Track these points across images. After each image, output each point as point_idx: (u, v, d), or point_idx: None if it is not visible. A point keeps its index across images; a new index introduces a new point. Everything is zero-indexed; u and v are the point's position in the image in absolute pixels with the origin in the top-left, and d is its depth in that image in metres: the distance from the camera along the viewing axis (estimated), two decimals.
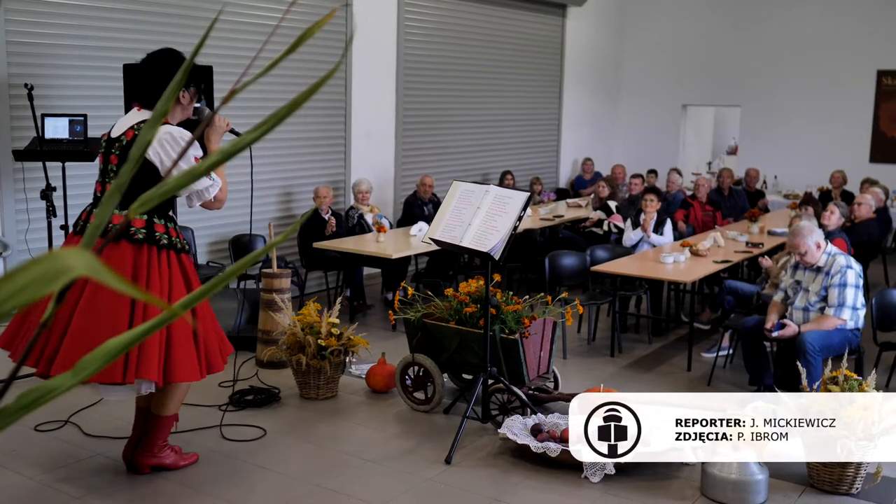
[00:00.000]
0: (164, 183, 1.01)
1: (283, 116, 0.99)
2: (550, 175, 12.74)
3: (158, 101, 1.05)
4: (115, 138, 3.75)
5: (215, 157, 1.01)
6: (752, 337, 5.87)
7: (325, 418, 4.90)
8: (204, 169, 1.01)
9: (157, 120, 1.04)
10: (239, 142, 1.00)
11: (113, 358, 0.95)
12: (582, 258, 7.50)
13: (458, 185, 4.71)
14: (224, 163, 1.03)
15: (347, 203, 8.99)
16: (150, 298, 0.86)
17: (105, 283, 0.82)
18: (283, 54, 1.00)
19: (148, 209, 1.00)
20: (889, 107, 12.25)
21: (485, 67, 11.10)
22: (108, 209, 0.99)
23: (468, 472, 4.16)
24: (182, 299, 0.99)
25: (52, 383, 0.93)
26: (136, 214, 0.98)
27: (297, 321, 5.19)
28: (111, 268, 0.82)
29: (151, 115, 1.03)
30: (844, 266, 5.57)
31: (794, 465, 4.23)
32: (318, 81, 0.97)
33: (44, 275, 0.79)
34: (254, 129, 1.00)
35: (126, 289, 0.82)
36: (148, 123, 1.04)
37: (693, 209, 9.55)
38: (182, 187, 1.04)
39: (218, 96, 6.37)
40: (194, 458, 4.18)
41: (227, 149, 1.00)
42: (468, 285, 5.06)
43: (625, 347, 7.18)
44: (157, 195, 1.00)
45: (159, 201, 1.00)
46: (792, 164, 12.78)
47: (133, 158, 1.01)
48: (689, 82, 13.65)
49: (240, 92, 1.02)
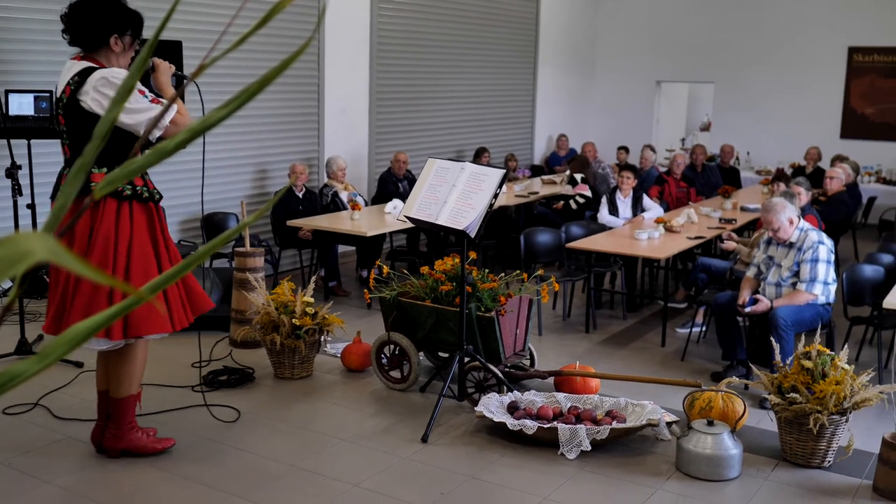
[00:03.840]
0: (131, 161, 0.97)
1: (254, 92, 0.95)
2: (525, 151, 12.72)
3: (126, 77, 1.01)
4: (59, 98, 3.66)
5: (184, 136, 0.97)
6: (725, 312, 5.90)
7: (300, 398, 4.87)
8: (173, 147, 0.97)
9: (123, 97, 1.00)
10: (208, 119, 0.96)
11: (79, 344, 0.92)
12: (557, 235, 7.51)
13: (433, 162, 4.67)
14: (192, 139, 0.99)
15: (321, 180, 8.92)
16: (114, 283, 0.83)
17: (66, 268, 0.78)
18: (254, 28, 0.96)
19: (115, 187, 0.96)
20: (860, 83, 12.33)
21: (460, 43, 11.02)
22: (72, 188, 0.95)
23: (445, 450, 4.15)
24: (151, 282, 0.96)
25: (17, 368, 0.90)
26: (100, 195, 0.94)
27: (270, 300, 5.15)
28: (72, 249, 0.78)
29: (118, 91, 0.99)
30: (816, 242, 5.61)
31: (767, 439, 4.27)
32: (290, 56, 0.93)
33: (3, 259, 0.75)
34: (224, 105, 0.96)
35: (87, 272, 0.78)
36: (114, 101, 1.00)
37: (667, 185, 9.58)
38: (152, 165, 1.00)
39: (187, 72, 6.27)
40: (170, 442, 4.10)
41: (196, 126, 0.97)
42: (444, 263, 5.04)
43: (600, 324, 7.21)
44: (123, 174, 0.97)
45: (127, 180, 0.96)
46: (764, 140, 12.85)
47: (98, 136, 0.98)
48: (664, 58, 13.66)
49: (209, 67, 0.98)
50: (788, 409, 3.90)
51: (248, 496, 3.67)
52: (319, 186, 8.64)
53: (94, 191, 0.95)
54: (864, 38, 12.19)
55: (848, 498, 3.71)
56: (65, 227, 1.03)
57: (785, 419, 3.97)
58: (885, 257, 6.54)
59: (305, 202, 8.12)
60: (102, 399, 3.97)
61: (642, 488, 3.78)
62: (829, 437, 3.92)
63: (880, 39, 12.07)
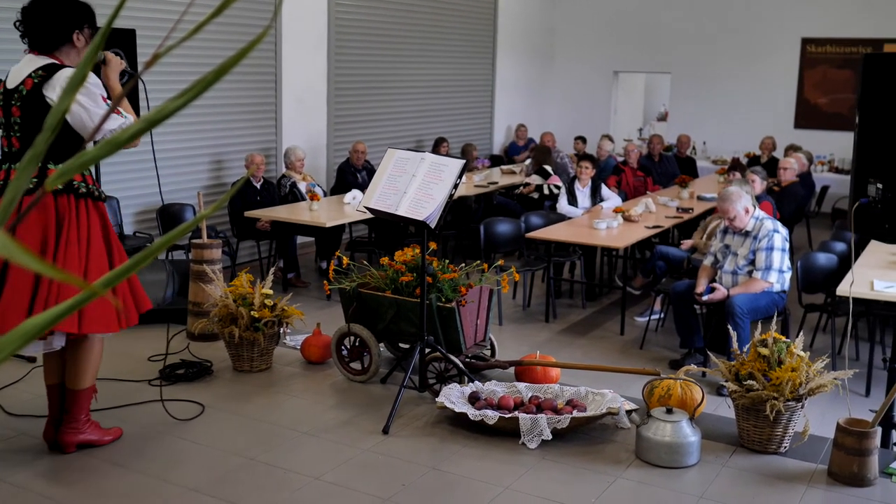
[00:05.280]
0: (83, 153, 0.95)
1: (210, 82, 0.92)
2: (484, 141, 12.73)
3: (77, 67, 0.98)
4: (13, 89, 3.59)
5: (139, 126, 0.95)
6: (683, 301, 5.97)
7: (260, 391, 4.83)
8: (126, 138, 0.95)
9: (74, 87, 0.97)
10: (163, 109, 0.94)
11: (32, 338, 0.89)
12: (516, 225, 7.53)
13: (392, 152, 4.65)
14: (147, 130, 0.96)
15: (278, 171, 8.84)
16: (64, 277, 0.80)
17: (18, 263, 0.76)
18: (210, 17, 0.93)
19: (66, 180, 0.94)
20: (813, 74, 12.52)
21: (419, 32, 10.98)
22: (23, 181, 0.92)
23: (406, 441, 4.14)
24: (104, 277, 0.93)
25: None
26: (52, 188, 0.91)
27: (228, 292, 5.09)
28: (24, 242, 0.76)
29: (69, 81, 0.96)
30: (771, 230, 5.69)
31: (725, 426, 4.32)
32: (247, 45, 0.91)
33: None
34: (180, 94, 0.93)
35: (39, 267, 0.76)
36: (65, 91, 0.97)
37: (624, 175, 9.65)
38: (104, 157, 0.98)
39: (141, 61, 6.16)
40: (118, 432, 4.07)
41: (151, 116, 0.94)
42: (404, 254, 5.02)
43: (559, 313, 7.24)
44: (75, 166, 0.94)
45: (78, 171, 0.94)
46: (720, 130, 13.00)
47: (49, 127, 0.95)
48: (621, 49, 13.74)
49: (164, 56, 0.96)
50: (745, 395, 3.95)
51: (206, 491, 3.63)
52: (277, 177, 8.56)
53: (46, 183, 0.92)
54: (817, 30, 12.37)
55: (804, 482, 3.77)
56: (14, 222, 1.00)
57: (742, 406, 4.02)
58: (839, 245, 6.66)
59: (263, 193, 8.04)
60: (52, 393, 3.90)
61: (603, 476, 3.80)
62: (786, 424, 3.98)
63: (833, 31, 12.27)
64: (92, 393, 3.93)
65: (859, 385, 5.62)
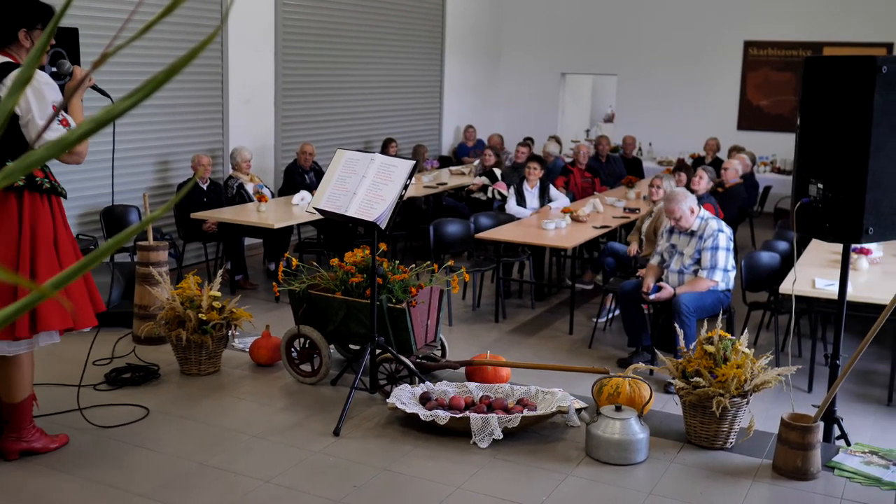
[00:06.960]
0: (30, 154, 0.93)
1: (161, 82, 0.92)
2: (433, 142, 12.74)
3: (22, 67, 0.97)
4: None
5: (87, 127, 0.93)
6: (631, 300, 6.05)
7: (208, 394, 4.77)
8: (75, 139, 0.94)
9: (18, 88, 0.95)
10: (113, 109, 0.92)
11: None
12: (466, 225, 7.55)
13: (342, 153, 4.63)
14: (96, 131, 0.95)
15: (225, 172, 8.74)
16: (20, 281, 0.79)
17: None
18: (158, 16, 0.92)
19: (13, 181, 0.92)
20: (755, 76, 12.78)
21: (366, 33, 10.95)
22: None
23: (357, 443, 4.13)
24: (54, 278, 0.92)
25: None
26: (0, 187, 0.90)
27: (175, 295, 5.02)
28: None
29: (13, 81, 0.95)
30: (716, 230, 5.79)
31: (672, 422, 4.39)
32: (198, 45, 0.90)
33: None
34: (129, 95, 0.92)
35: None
36: (10, 90, 0.96)
37: (573, 176, 9.74)
38: (51, 157, 0.97)
39: (87, 60, 6.05)
40: (64, 439, 3.99)
41: (100, 116, 0.93)
42: (354, 255, 5.01)
43: (509, 313, 7.28)
44: (22, 167, 0.93)
45: (24, 173, 0.92)
46: (666, 131, 13.19)
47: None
48: (568, 51, 13.86)
49: (112, 56, 0.94)
50: (692, 392, 4.01)
51: (154, 496, 3.57)
52: (224, 178, 8.46)
53: None
54: (759, 33, 12.63)
55: (749, 477, 3.84)
56: None
57: (689, 403, 4.08)
58: (781, 244, 6.80)
59: (210, 194, 7.95)
60: None
61: (554, 474, 3.83)
62: (732, 420, 4.05)
63: (774, 34, 12.53)
64: (31, 402, 3.85)
65: (802, 381, 5.75)
